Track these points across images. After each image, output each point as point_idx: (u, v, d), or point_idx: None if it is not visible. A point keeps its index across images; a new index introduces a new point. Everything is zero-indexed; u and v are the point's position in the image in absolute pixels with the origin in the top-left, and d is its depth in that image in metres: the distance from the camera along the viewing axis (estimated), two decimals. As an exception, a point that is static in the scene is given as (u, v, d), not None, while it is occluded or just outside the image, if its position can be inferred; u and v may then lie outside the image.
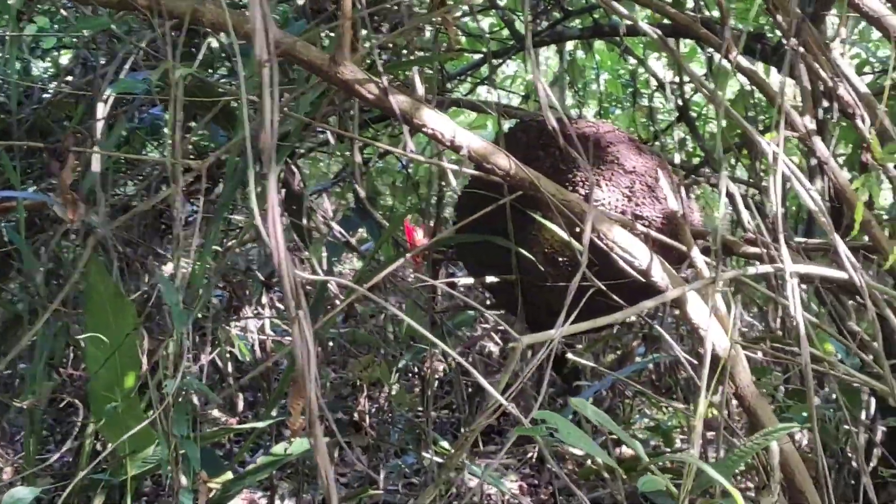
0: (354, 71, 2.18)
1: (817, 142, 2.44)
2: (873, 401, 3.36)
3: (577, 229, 2.31)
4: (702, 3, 3.61)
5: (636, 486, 1.76)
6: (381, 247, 3.70)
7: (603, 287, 2.34)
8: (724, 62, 2.47)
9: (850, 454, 3.25)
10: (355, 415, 4.25)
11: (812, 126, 2.48)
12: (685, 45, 4.49)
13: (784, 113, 2.22)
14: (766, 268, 2.23)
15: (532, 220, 2.69)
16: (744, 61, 2.53)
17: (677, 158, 4.62)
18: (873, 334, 2.31)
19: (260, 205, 1.47)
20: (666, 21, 3.20)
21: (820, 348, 2.47)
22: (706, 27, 2.91)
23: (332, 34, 2.96)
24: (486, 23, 4.92)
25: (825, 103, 2.93)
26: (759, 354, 2.74)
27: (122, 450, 2.58)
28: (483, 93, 5.31)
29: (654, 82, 4.75)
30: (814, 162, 3.05)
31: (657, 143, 4.21)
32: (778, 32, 3.29)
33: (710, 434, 3.15)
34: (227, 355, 4.11)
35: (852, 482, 3.25)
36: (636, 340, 4.63)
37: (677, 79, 4.30)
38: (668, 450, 3.97)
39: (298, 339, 1.32)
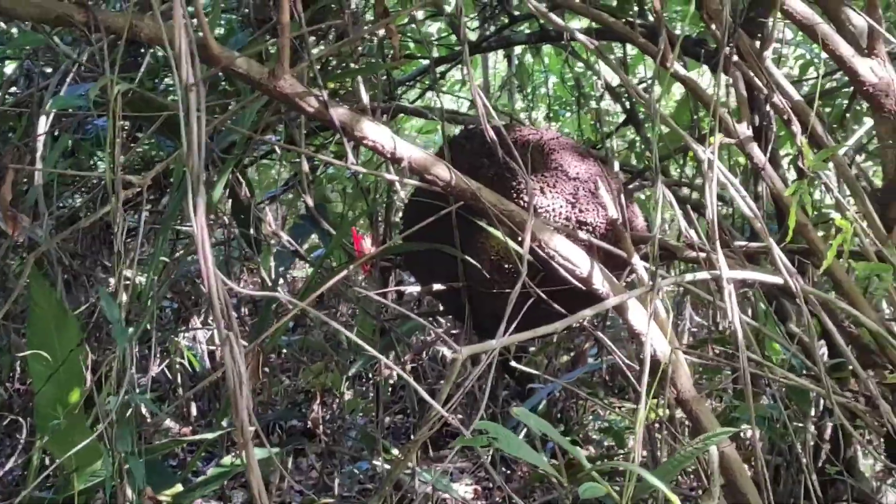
0: (294, 84, 2.17)
1: (753, 148, 2.47)
2: (822, 399, 3.40)
3: (521, 238, 2.32)
4: (646, 8, 3.63)
5: (584, 491, 1.77)
6: (331, 254, 3.69)
7: (543, 296, 2.36)
8: (662, 69, 2.49)
9: (798, 452, 3.29)
10: (309, 422, 4.25)
11: (748, 132, 2.51)
12: (633, 47, 4.51)
13: (719, 119, 2.25)
14: (703, 274, 2.25)
15: (479, 228, 2.70)
16: (681, 68, 2.56)
17: (622, 163, 4.64)
18: (811, 337, 2.35)
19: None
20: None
21: (757, 350, 2.50)
22: (648, 32, 2.93)
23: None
24: (434, 27, 4.93)
25: (767, 107, 2.97)
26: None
27: (68, 465, 2.57)
28: (432, 97, 5.31)
29: (601, 85, 4.77)
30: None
31: (605, 146, 4.23)
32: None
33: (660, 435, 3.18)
34: (178, 365, 4.09)
35: (800, 479, 3.28)
36: (588, 342, 4.66)
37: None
38: (622, 451, 4.01)
39: (229, 361, 1.32)
